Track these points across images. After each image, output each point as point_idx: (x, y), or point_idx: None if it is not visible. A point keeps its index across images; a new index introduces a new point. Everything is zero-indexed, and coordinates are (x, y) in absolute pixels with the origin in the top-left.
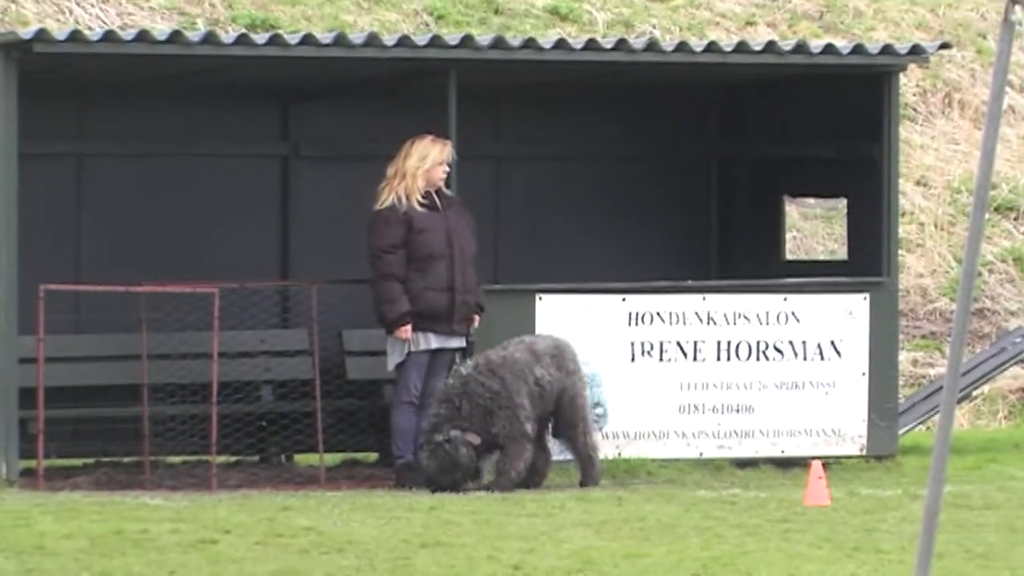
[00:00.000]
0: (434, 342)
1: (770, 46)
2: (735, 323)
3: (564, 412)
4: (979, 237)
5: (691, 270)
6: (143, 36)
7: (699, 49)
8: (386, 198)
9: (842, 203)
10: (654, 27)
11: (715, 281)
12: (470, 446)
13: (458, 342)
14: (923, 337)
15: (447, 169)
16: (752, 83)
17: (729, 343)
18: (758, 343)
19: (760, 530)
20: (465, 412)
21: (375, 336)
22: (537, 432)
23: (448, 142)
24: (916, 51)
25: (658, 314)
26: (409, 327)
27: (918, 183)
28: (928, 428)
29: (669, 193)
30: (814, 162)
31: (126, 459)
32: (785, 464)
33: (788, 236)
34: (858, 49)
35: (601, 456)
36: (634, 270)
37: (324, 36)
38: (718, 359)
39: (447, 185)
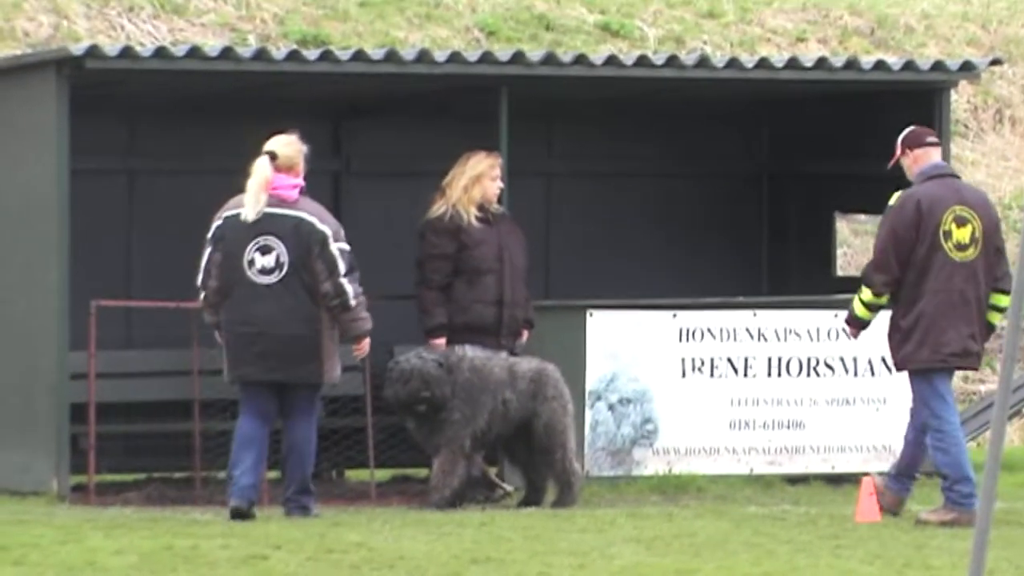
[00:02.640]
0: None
1: (821, 62)
2: (786, 339)
3: (538, 438)
4: None
5: (742, 286)
6: (195, 52)
7: (750, 65)
8: (438, 209)
9: None
10: (705, 43)
11: (766, 297)
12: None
13: None
14: None
15: (500, 184)
16: (803, 99)
17: (780, 359)
18: (809, 359)
19: (811, 546)
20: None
21: None
22: (478, 448)
23: (499, 157)
24: (967, 67)
25: (709, 330)
26: (444, 339)
27: None
28: (979, 444)
29: (720, 209)
30: (865, 178)
31: (177, 475)
32: (836, 480)
33: (839, 252)
34: (909, 65)
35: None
36: (685, 286)
37: (375, 52)
38: (769, 375)
39: (498, 201)
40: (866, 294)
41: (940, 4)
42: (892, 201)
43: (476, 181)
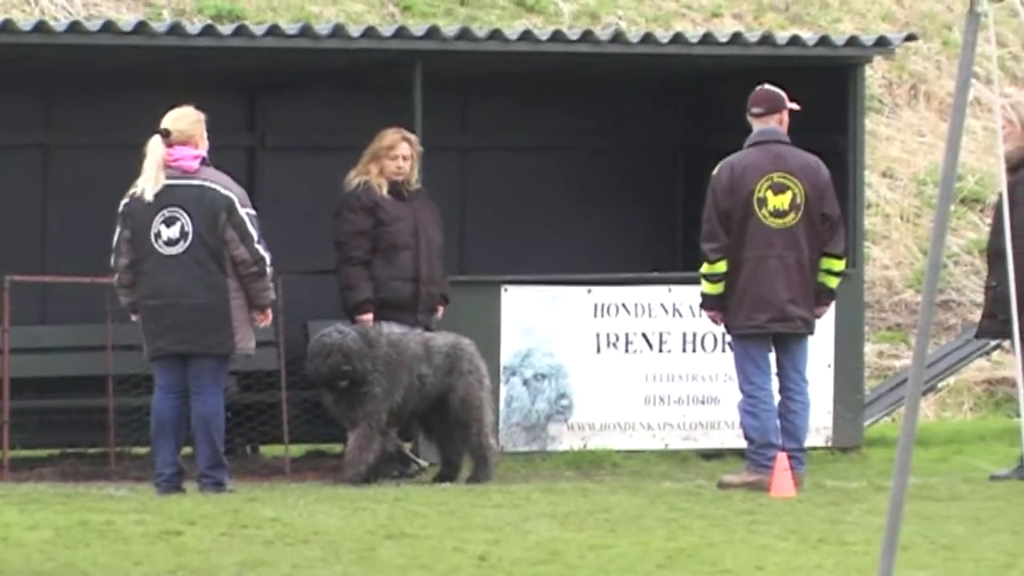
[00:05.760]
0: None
1: (736, 38)
2: (700, 315)
3: (454, 412)
4: (944, 229)
5: (657, 262)
6: (109, 27)
7: (665, 41)
8: (349, 184)
9: None
10: (620, 18)
11: (680, 273)
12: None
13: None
14: (889, 329)
15: (402, 163)
16: (718, 74)
17: (695, 335)
18: (723, 335)
19: (726, 521)
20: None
21: None
22: (393, 424)
23: (411, 135)
24: (882, 43)
25: (623, 305)
26: (371, 315)
27: (884, 175)
28: (894, 420)
29: (636, 185)
30: None
31: (91, 450)
32: None
33: None
34: (824, 41)
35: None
36: (600, 262)
37: (290, 27)
38: (683, 351)
39: (406, 178)
40: (705, 267)
41: None
42: (715, 171)
43: (375, 158)
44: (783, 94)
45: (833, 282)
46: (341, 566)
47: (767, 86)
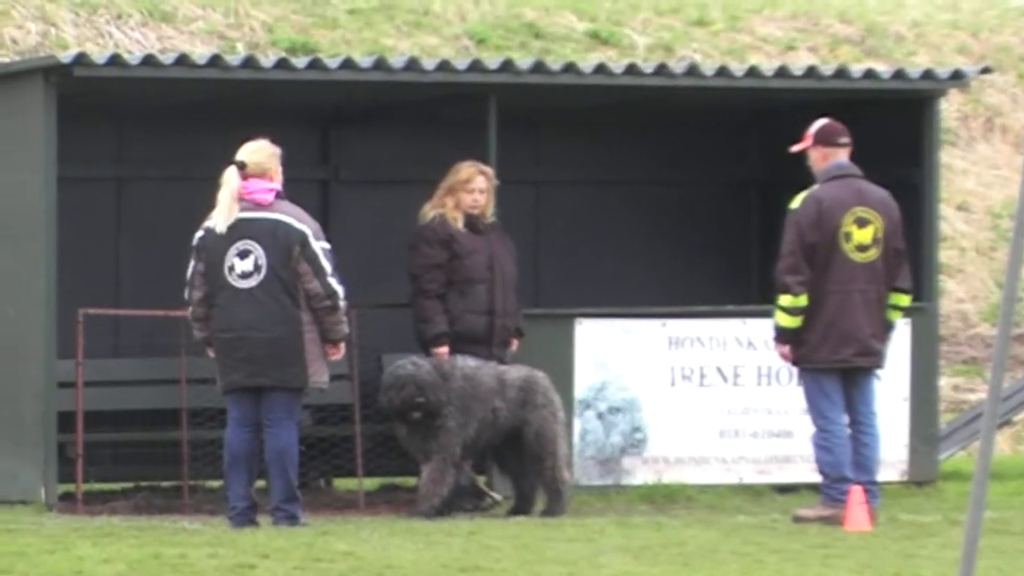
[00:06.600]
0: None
1: (811, 71)
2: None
3: (528, 445)
4: (1020, 262)
5: (731, 295)
6: (183, 60)
7: (739, 74)
8: (424, 217)
9: None
10: (695, 51)
11: (755, 306)
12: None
13: None
14: (964, 362)
15: (479, 196)
16: (793, 108)
17: (769, 368)
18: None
19: (800, 556)
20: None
21: None
22: (467, 457)
23: (487, 168)
24: (957, 76)
25: (698, 339)
26: (446, 347)
27: (959, 208)
28: (969, 454)
29: (710, 218)
30: None
31: (165, 483)
32: None
33: None
34: (899, 74)
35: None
36: (674, 295)
37: (364, 60)
38: (758, 384)
39: (482, 212)
40: (785, 299)
41: (930, 12)
42: (795, 203)
43: (451, 192)
44: None
45: (897, 316)
46: None
47: (829, 119)
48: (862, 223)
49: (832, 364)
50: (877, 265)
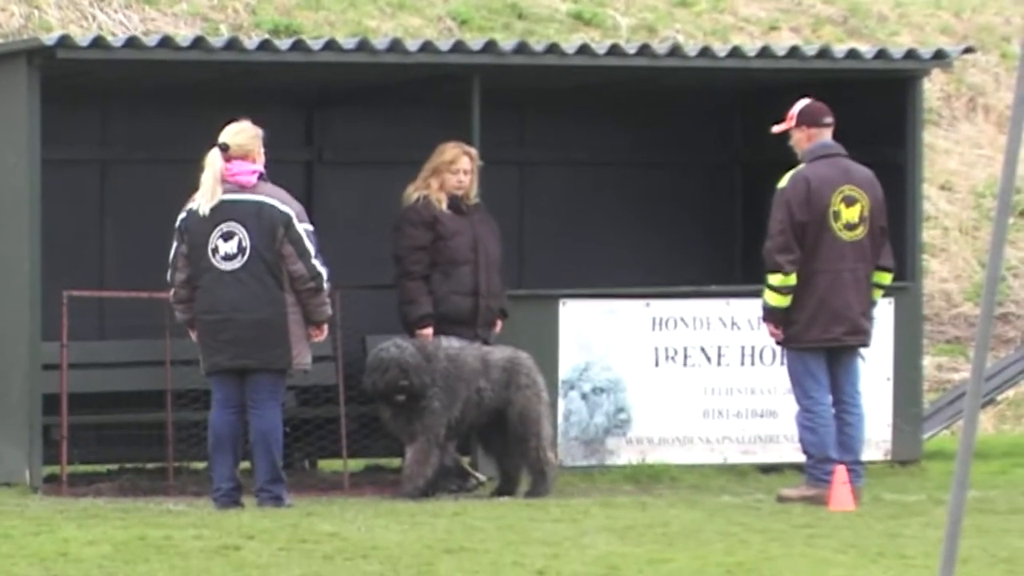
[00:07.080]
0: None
1: (793, 51)
2: (759, 328)
3: (512, 426)
4: (1003, 241)
5: (715, 275)
6: (166, 42)
7: (722, 54)
8: (408, 199)
9: None
10: (678, 32)
11: (739, 286)
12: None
13: None
14: (947, 342)
15: (463, 177)
16: (776, 88)
17: (753, 348)
18: (782, 348)
19: (784, 535)
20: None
21: None
22: (451, 438)
23: (472, 149)
24: (940, 56)
25: (682, 319)
26: (430, 329)
27: (942, 188)
28: (952, 433)
29: (693, 198)
30: None
31: (150, 465)
32: None
33: None
34: (882, 54)
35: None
36: (658, 275)
37: (347, 42)
38: (742, 364)
39: (466, 193)
40: (775, 279)
41: None
42: (783, 182)
43: (435, 172)
44: None
45: (878, 295)
46: None
47: (812, 100)
48: (850, 201)
49: (823, 344)
50: (864, 244)
